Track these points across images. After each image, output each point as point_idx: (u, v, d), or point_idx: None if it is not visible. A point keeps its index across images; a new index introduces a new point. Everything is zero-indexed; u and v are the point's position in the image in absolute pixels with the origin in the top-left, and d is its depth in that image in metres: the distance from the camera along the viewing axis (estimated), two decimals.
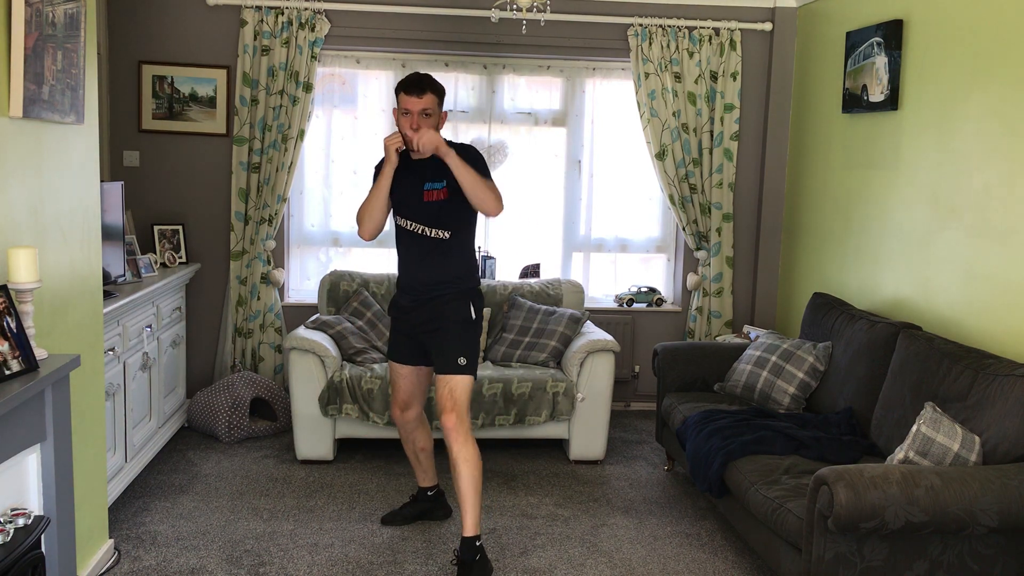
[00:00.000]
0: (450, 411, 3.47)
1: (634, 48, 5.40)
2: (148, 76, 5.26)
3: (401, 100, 3.46)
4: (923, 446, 3.09)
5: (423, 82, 3.45)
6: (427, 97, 3.43)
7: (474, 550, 3.43)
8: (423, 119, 3.42)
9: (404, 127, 3.44)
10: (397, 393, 3.82)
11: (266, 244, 5.33)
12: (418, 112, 3.42)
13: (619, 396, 5.68)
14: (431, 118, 3.45)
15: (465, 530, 3.45)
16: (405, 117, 3.45)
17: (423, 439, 3.90)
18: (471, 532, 3.44)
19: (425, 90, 3.43)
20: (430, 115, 3.44)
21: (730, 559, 3.71)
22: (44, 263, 2.85)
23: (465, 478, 3.44)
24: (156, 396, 4.57)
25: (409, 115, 3.43)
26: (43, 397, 2.59)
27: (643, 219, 5.86)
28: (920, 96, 4.13)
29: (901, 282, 4.27)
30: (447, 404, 3.49)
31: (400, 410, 3.83)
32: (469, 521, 3.44)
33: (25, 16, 2.59)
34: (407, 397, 3.81)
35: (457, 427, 3.45)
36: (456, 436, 3.45)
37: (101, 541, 3.48)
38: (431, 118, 3.45)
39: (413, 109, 3.42)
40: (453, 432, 3.45)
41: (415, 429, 3.86)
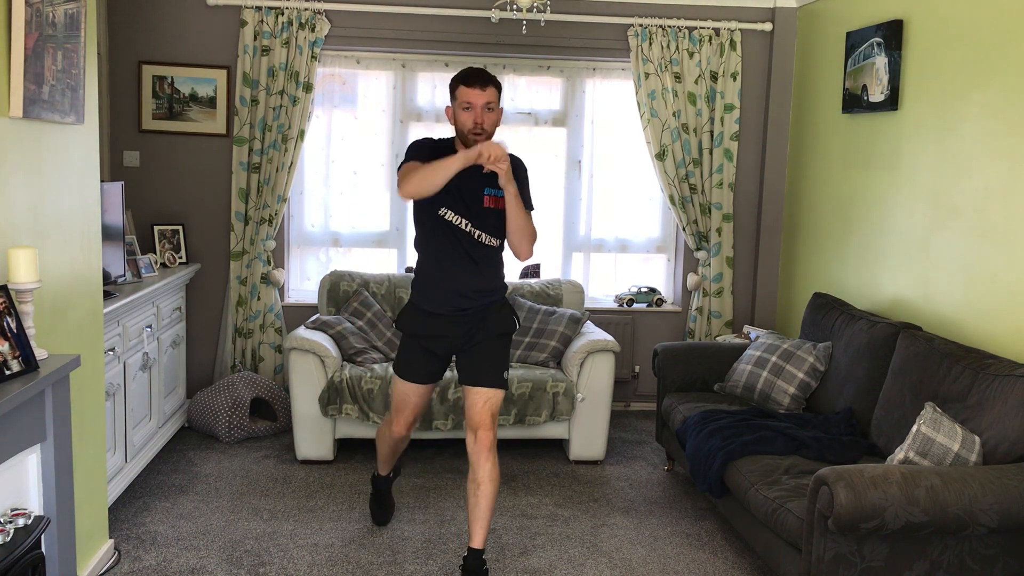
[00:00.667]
0: (489, 428, 3.32)
1: (634, 48, 5.40)
2: (148, 76, 5.26)
3: (461, 93, 3.23)
4: (923, 446, 3.09)
5: (485, 75, 3.25)
6: (490, 90, 3.23)
7: (481, 561, 3.37)
8: (486, 113, 3.22)
9: (465, 122, 3.23)
10: (405, 412, 3.60)
11: (266, 244, 5.33)
12: (481, 106, 3.21)
13: (619, 396, 5.68)
14: (493, 112, 3.25)
15: (475, 543, 3.35)
16: (466, 112, 3.23)
17: (406, 442, 3.80)
18: (481, 545, 3.36)
19: (488, 83, 3.23)
20: (492, 109, 3.24)
21: (730, 559, 3.71)
22: (44, 263, 2.85)
23: (488, 496, 3.31)
24: (156, 396, 4.57)
25: (471, 109, 3.22)
26: (43, 397, 2.59)
27: (643, 219, 5.86)
28: (920, 96, 4.13)
29: (901, 282, 4.27)
30: (486, 420, 3.33)
31: (406, 427, 3.64)
32: (481, 535, 3.34)
33: (25, 16, 2.59)
34: (416, 413, 3.64)
35: (492, 447, 3.31)
36: (489, 455, 3.30)
37: (101, 541, 3.48)
38: (493, 112, 3.25)
39: (476, 103, 3.20)
40: (487, 452, 3.30)
41: (408, 437, 3.75)
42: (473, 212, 3.32)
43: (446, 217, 3.32)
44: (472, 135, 3.24)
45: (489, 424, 3.33)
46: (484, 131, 3.23)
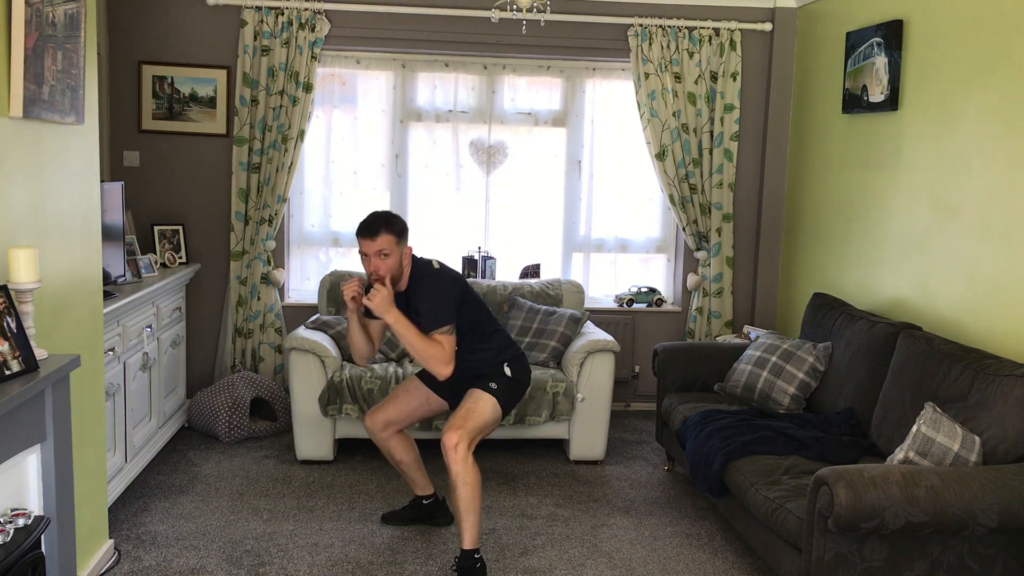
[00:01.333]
0: (456, 428, 3.40)
1: (634, 48, 5.40)
2: (148, 76, 5.26)
3: (359, 244, 3.44)
4: (923, 446, 3.09)
5: (377, 223, 3.41)
6: (382, 238, 3.39)
7: (473, 560, 3.43)
8: (381, 260, 3.40)
9: (366, 268, 3.45)
10: (391, 406, 3.76)
11: (266, 244, 5.33)
12: (374, 254, 3.39)
13: (619, 396, 5.68)
14: (390, 258, 3.41)
15: (464, 544, 3.44)
16: (365, 259, 3.44)
17: (399, 451, 3.82)
18: (470, 545, 3.43)
19: (379, 231, 3.39)
20: (388, 255, 3.41)
21: (730, 559, 3.71)
22: (44, 263, 2.85)
23: (463, 499, 3.40)
24: (156, 396, 4.57)
25: (367, 258, 3.42)
26: (43, 397, 2.59)
27: (643, 219, 5.86)
28: (920, 96, 4.13)
29: (901, 282, 4.27)
30: (457, 420, 3.44)
31: (381, 424, 3.77)
32: (467, 536, 3.43)
33: (25, 16, 2.59)
34: (398, 415, 3.77)
35: (457, 447, 3.37)
36: (454, 456, 3.37)
37: (101, 541, 3.48)
38: (390, 258, 3.41)
39: (369, 252, 3.40)
40: (452, 452, 3.37)
41: (388, 439, 3.80)
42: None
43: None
44: (372, 280, 3.44)
45: (456, 426, 3.42)
46: (380, 277, 3.41)
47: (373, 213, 3.48)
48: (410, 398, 3.78)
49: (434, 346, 3.40)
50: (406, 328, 3.39)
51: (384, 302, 3.36)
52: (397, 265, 3.46)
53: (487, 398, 3.51)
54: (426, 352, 3.39)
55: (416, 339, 3.39)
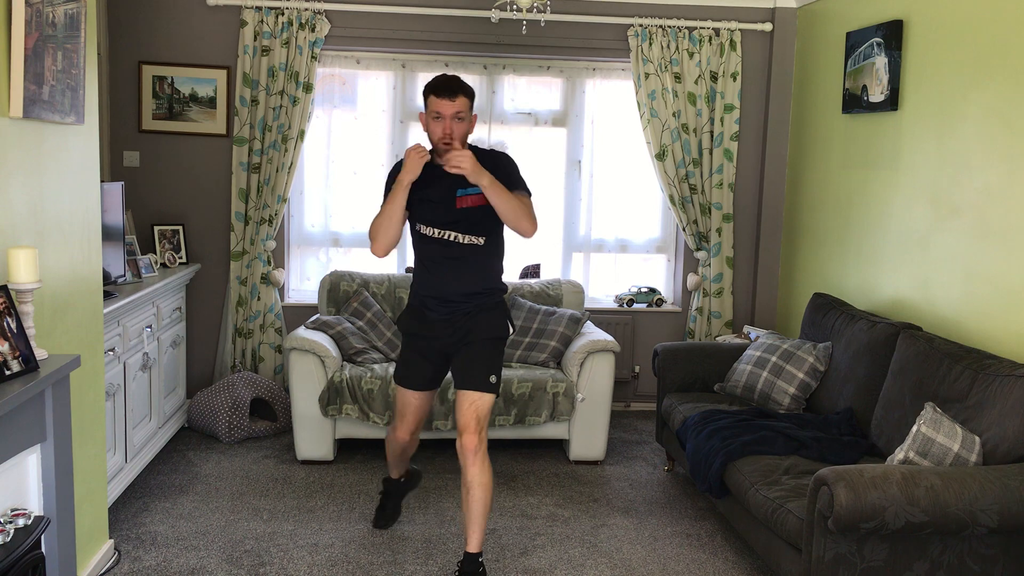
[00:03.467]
0: (473, 432, 3.31)
1: (634, 48, 5.40)
2: (148, 76, 5.26)
3: (431, 103, 3.26)
4: (923, 446, 3.09)
5: (455, 84, 3.26)
6: (460, 100, 3.24)
7: (477, 564, 3.39)
8: (456, 123, 3.25)
9: (435, 131, 3.28)
10: (407, 418, 3.63)
11: (266, 244, 5.33)
12: (451, 116, 3.24)
13: (619, 396, 5.68)
14: (464, 122, 3.27)
15: (470, 547, 3.37)
16: (436, 121, 3.26)
17: (414, 447, 3.82)
18: (476, 549, 3.38)
19: (457, 92, 3.24)
20: (463, 119, 3.27)
21: (730, 559, 3.71)
22: (44, 263, 2.85)
23: (479, 501, 3.32)
24: (156, 396, 4.57)
25: (441, 119, 3.25)
26: (43, 397, 2.59)
27: (643, 219, 5.86)
28: (920, 96, 4.13)
29: (901, 282, 4.27)
30: (471, 424, 3.32)
31: (409, 435, 3.67)
32: (476, 539, 3.36)
33: (25, 16, 2.59)
34: (417, 421, 3.66)
35: (477, 449, 3.30)
36: (475, 459, 3.30)
37: (101, 541, 3.48)
38: (464, 122, 3.27)
39: (446, 113, 3.23)
40: (472, 455, 3.29)
41: (413, 443, 3.78)
42: (448, 218, 3.37)
43: (422, 231, 3.43)
44: (442, 144, 3.27)
45: (473, 428, 3.32)
46: (451, 140, 3.27)
47: (445, 74, 3.32)
48: (420, 403, 3.64)
49: (526, 204, 3.31)
50: (499, 187, 3.22)
51: (470, 161, 3.16)
52: (468, 132, 3.31)
53: (487, 398, 3.40)
54: (521, 207, 3.27)
55: (509, 195, 3.25)
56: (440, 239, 3.39)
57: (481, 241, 3.42)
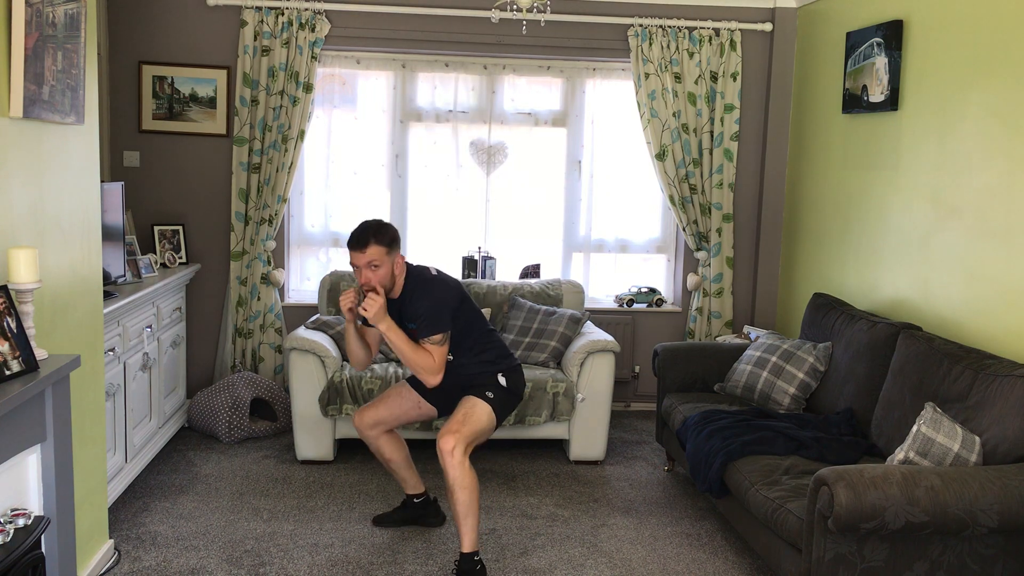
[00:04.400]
0: (452, 432, 3.39)
1: (634, 48, 5.40)
2: (148, 76, 5.26)
3: (350, 255, 3.45)
4: (923, 446, 3.09)
5: (366, 235, 3.42)
6: (371, 250, 3.40)
7: (473, 563, 3.43)
8: (371, 271, 3.41)
9: (358, 279, 3.47)
10: (382, 405, 3.77)
11: (266, 244, 5.33)
12: (364, 265, 3.41)
13: (619, 396, 5.68)
14: (380, 269, 3.43)
15: (463, 547, 3.43)
16: (356, 271, 3.46)
17: (388, 449, 3.83)
18: (469, 549, 3.43)
19: (368, 243, 3.41)
20: (378, 266, 3.42)
21: (730, 559, 3.71)
22: (44, 263, 2.85)
23: (461, 503, 3.39)
24: (156, 396, 4.57)
25: (358, 270, 3.44)
26: (43, 397, 2.59)
27: (643, 219, 5.86)
28: (920, 96, 4.13)
29: (901, 282, 4.27)
30: (453, 424, 3.43)
31: (369, 422, 3.77)
32: (467, 539, 3.42)
33: (25, 16, 2.59)
34: (388, 416, 3.77)
35: (453, 451, 3.36)
36: (451, 459, 3.36)
37: (101, 541, 3.48)
38: (380, 269, 3.43)
39: (359, 264, 3.42)
40: (448, 456, 3.36)
41: (377, 438, 3.81)
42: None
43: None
44: (364, 291, 3.46)
45: (454, 428, 3.42)
46: (373, 287, 3.43)
47: (363, 224, 3.48)
48: (401, 401, 3.79)
49: (424, 356, 3.44)
50: (397, 336, 3.42)
51: (379, 311, 3.38)
52: (388, 275, 3.47)
53: (483, 405, 3.52)
54: (416, 362, 3.44)
55: (407, 347, 3.42)
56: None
57: (451, 357, 3.59)
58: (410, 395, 3.78)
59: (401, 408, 3.78)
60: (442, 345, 3.46)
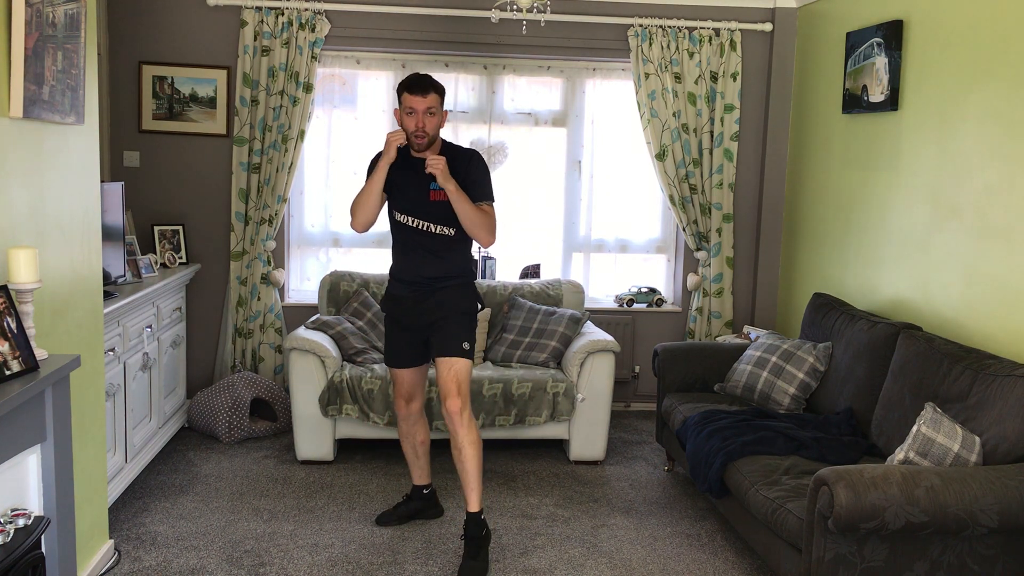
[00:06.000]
0: (455, 395, 3.53)
1: (634, 48, 5.40)
2: (148, 76, 5.26)
3: (404, 99, 3.52)
4: (923, 446, 3.09)
5: (426, 81, 3.52)
6: (431, 96, 3.50)
7: (480, 524, 3.56)
8: (427, 117, 3.50)
9: (408, 125, 3.52)
10: (400, 387, 3.86)
11: (266, 244, 5.33)
12: (423, 111, 3.49)
13: (619, 396, 5.68)
14: (435, 116, 3.52)
15: (471, 506, 3.56)
16: (409, 116, 3.51)
17: (423, 432, 3.95)
18: (476, 508, 3.56)
19: (428, 89, 3.50)
20: (434, 114, 3.52)
21: (730, 560, 3.71)
22: (44, 263, 2.85)
23: (470, 459, 3.54)
24: (156, 396, 4.57)
25: (414, 114, 3.50)
26: (43, 397, 2.59)
27: (643, 219, 5.86)
28: (920, 96, 4.13)
29: (901, 282, 4.27)
30: (451, 388, 3.55)
31: (405, 402, 3.87)
32: (474, 498, 3.56)
33: (25, 16, 2.59)
34: (411, 389, 3.86)
35: (462, 410, 3.53)
36: (461, 420, 3.53)
37: (101, 541, 3.48)
38: (435, 116, 3.52)
39: (418, 108, 3.48)
40: (457, 416, 3.52)
41: (416, 422, 3.91)
42: (422, 208, 3.61)
43: (398, 219, 3.69)
44: (414, 137, 3.53)
45: (455, 392, 3.54)
46: (426, 134, 3.52)
47: (417, 73, 3.56)
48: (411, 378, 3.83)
49: (486, 215, 3.55)
50: (463, 197, 3.48)
51: (447, 170, 3.45)
52: (439, 126, 3.55)
53: (463, 362, 3.59)
54: (480, 219, 3.52)
55: (472, 207, 3.50)
56: (413, 227, 3.63)
57: (452, 232, 3.63)
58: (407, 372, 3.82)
59: (413, 379, 3.84)
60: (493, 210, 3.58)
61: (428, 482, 4.01)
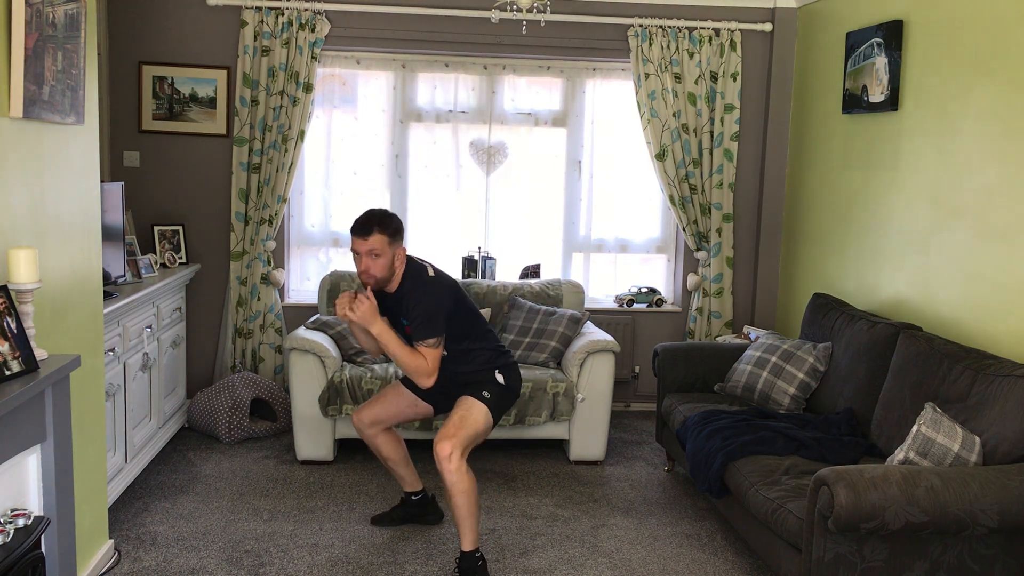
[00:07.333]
0: (448, 437, 3.36)
1: (634, 48, 5.40)
2: (148, 76, 5.26)
3: (352, 242, 3.42)
4: (923, 446, 3.09)
5: (371, 222, 3.40)
6: (374, 238, 3.37)
7: (474, 560, 3.44)
8: (372, 260, 3.39)
9: (356, 267, 3.45)
10: (379, 404, 3.77)
11: (266, 244, 5.33)
12: (365, 253, 3.39)
13: (619, 396, 5.68)
14: (380, 258, 3.40)
15: (464, 546, 3.44)
16: (356, 258, 3.44)
17: (386, 448, 3.82)
18: (470, 547, 3.43)
19: (371, 231, 3.38)
20: (379, 255, 3.39)
21: (730, 560, 3.71)
22: (44, 263, 2.85)
23: (460, 507, 3.39)
24: (156, 396, 4.57)
25: (359, 256, 3.42)
26: (43, 398, 2.59)
27: (643, 220, 5.86)
28: (920, 96, 4.13)
29: (901, 282, 4.27)
30: (449, 428, 3.40)
31: (368, 421, 3.77)
32: (467, 539, 3.42)
33: (25, 16, 2.59)
34: (386, 415, 3.77)
35: (450, 457, 3.33)
36: (448, 466, 3.34)
37: (101, 541, 3.48)
38: (380, 258, 3.40)
39: (360, 251, 3.40)
40: (445, 462, 3.34)
41: (375, 436, 3.80)
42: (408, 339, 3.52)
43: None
44: (362, 279, 3.45)
45: (450, 432, 3.39)
46: (372, 276, 3.42)
47: (368, 211, 3.46)
48: (398, 399, 3.78)
49: (417, 358, 3.41)
50: (389, 338, 3.40)
51: (368, 313, 3.37)
52: (388, 266, 3.43)
53: (480, 406, 3.49)
54: (409, 364, 3.41)
55: (399, 350, 3.40)
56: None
57: (446, 353, 3.53)
58: (406, 394, 3.78)
59: (398, 407, 3.78)
60: (436, 348, 3.43)
61: (418, 488, 3.94)
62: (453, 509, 3.42)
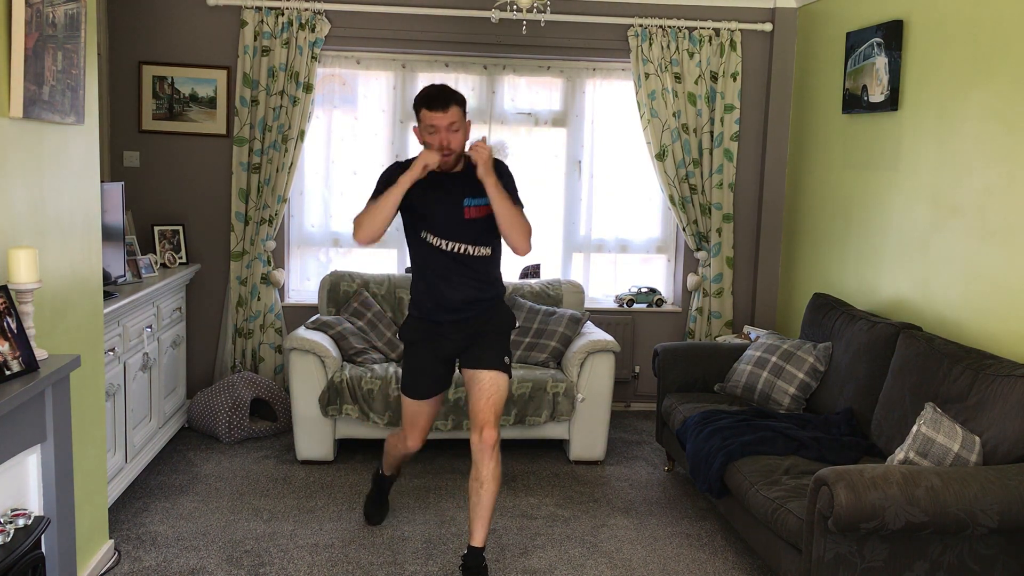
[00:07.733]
0: (492, 427, 3.28)
1: (634, 48, 5.40)
2: (148, 76, 5.26)
3: (424, 116, 3.23)
4: (923, 446, 3.09)
5: (446, 94, 3.22)
6: (452, 110, 3.21)
7: (481, 559, 3.40)
8: (451, 134, 3.22)
9: (432, 144, 3.24)
10: (417, 427, 3.58)
11: (266, 244, 5.33)
12: (445, 127, 3.21)
13: (619, 396, 5.68)
14: (459, 132, 3.24)
15: (476, 541, 3.37)
16: (432, 135, 3.23)
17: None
18: (481, 543, 3.38)
19: (449, 103, 3.21)
20: (457, 129, 3.23)
21: (730, 560, 3.71)
22: (44, 263, 2.85)
23: (491, 495, 3.31)
24: (156, 396, 4.57)
25: (436, 132, 3.22)
26: (43, 398, 2.59)
27: (643, 220, 5.86)
28: (920, 96, 4.13)
29: (901, 282, 4.27)
30: (490, 418, 3.29)
31: (420, 444, 3.63)
32: (482, 534, 3.36)
33: (25, 16, 2.59)
34: (429, 422, 3.63)
35: (495, 445, 3.27)
36: (493, 454, 3.27)
37: (101, 541, 3.48)
38: (459, 132, 3.24)
39: (440, 124, 3.20)
40: (491, 450, 3.26)
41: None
42: (455, 229, 3.33)
43: (428, 240, 3.37)
44: (441, 156, 3.25)
45: (493, 422, 3.31)
46: (452, 151, 3.25)
47: (436, 85, 3.27)
48: (430, 411, 3.60)
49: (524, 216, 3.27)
50: (505, 194, 3.22)
51: (490, 160, 3.18)
52: (464, 141, 3.26)
53: (505, 380, 3.39)
54: (520, 221, 3.24)
55: (513, 206, 3.23)
56: (449, 251, 3.34)
57: (488, 252, 3.40)
58: (426, 403, 3.57)
59: (430, 418, 3.63)
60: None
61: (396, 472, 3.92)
62: (481, 497, 3.31)
